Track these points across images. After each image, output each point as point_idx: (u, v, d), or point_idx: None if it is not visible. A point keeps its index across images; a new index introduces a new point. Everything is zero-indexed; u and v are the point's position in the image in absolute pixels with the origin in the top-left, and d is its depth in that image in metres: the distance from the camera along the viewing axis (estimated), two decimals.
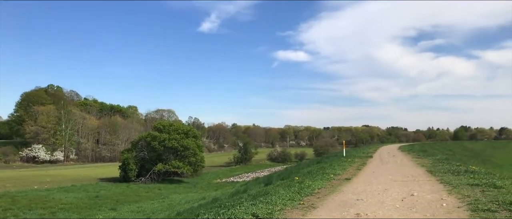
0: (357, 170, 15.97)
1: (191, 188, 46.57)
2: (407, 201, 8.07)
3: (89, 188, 39.61)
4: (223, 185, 47.10)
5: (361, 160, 22.38)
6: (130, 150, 52.29)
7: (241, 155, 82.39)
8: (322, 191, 10.16)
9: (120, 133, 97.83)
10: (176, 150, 50.94)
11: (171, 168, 49.94)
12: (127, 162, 48.72)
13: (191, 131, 56.24)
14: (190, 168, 51.40)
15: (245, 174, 64.96)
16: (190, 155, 51.84)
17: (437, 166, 16.07)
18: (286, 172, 23.65)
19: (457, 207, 7.07)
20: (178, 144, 50.53)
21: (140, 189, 41.94)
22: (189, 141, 52.11)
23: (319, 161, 26.74)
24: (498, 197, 7.72)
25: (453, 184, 10.08)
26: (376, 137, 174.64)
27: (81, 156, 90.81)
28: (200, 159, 53.64)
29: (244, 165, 79.83)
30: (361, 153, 29.66)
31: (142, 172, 50.00)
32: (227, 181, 55.70)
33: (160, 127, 54.32)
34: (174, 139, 50.71)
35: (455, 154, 40.04)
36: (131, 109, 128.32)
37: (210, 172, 65.96)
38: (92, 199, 32.73)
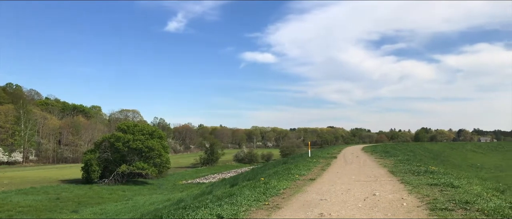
0: (321, 171, 16.19)
1: (156, 189, 45.93)
2: (369, 200, 8.26)
3: (50, 190, 38.37)
4: (189, 186, 46.68)
5: (326, 160, 22.70)
6: (93, 151, 51.00)
7: (208, 156, 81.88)
8: (287, 191, 10.24)
9: (83, 133, 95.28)
10: (140, 151, 50.09)
11: (136, 169, 49.07)
12: (90, 163, 47.52)
13: (156, 132, 55.44)
14: (155, 169, 50.68)
15: (211, 175, 64.63)
16: (155, 156, 51.11)
17: (398, 167, 16.50)
18: (252, 172, 23.70)
19: (416, 206, 7.29)
20: (143, 145, 49.72)
21: (103, 190, 41.00)
22: (154, 141, 51.36)
23: (285, 161, 26.96)
24: (455, 196, 8.02)
25: (413, 184, 10.39)
26: (340, 138, 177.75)
27: (41, 157, 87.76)
28: (165, 160, 52.97)
29: (211, 166, 79.36)
30: (326, 154, 30.08)
31: (105, 173, 48.88)
32: (193, 182, 55.25)
33: (125, 127, 53.25)
34: (138, 139, 49.87)
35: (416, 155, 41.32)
36: (94, 109, 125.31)
37: (176, 173, 65.24)
38: (53, 201, 31.72)
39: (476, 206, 6.86)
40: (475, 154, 77.47)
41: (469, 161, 64.92)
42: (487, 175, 36.11)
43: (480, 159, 70.23)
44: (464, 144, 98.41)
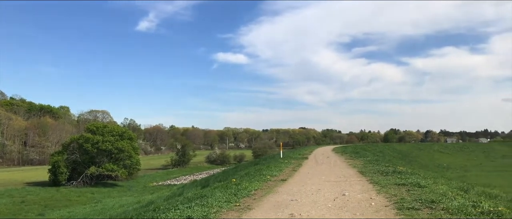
0: (293, 171, 16.29)
1: (126, 191, 45.16)
2: (338, 200, 8.36)
3: (15, 193, 37.15)
4: (159, 188, 46.13)
5: (297, 161, 22.85)
6: (61, 153, 49.73)
7: (179, 157, 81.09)
8: (259, 192, 10.26)
9: (51, 134, 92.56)
10: (110, 153, 49.19)
11: (105, 171, 48.15)
12: (58, 165, 46.30)
13: (127, 133, 54.60)
14: (125, 171, 49.88)
15: (183, 176, 64.07)
16: (125, 157, 50.31)
17: (367, 167, 16.78)
18: (223, 174, 23.65)
19: (384, 206, 7.44)
20: (113, 146, 48.85)
21: (71, 193, 40.03)
22: (124, 143, 50.55)
23: (257, 162, 27.00)
24: (422, 195, 8.23)
25: (381, 184, 10.59)
26: (312, 138, 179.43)
27: (5, 159, 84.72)
28: (135, 161, 52.22)
29: (182, 167, 78.64)
30: (297, 155, 30.28)
31: (73, 175, 47.75)
32: (164, 184, 54.64)
33: (94, 128, 52.17)
34: (108, 141, 48.96)
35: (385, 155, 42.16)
36: (62, 110, 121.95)
37: (146, 175, 64.34)
38: (18, 204, 30.73)
39: (441, 205, 7.07)
40: (442, 154, 79.62)
41: (436, 161, 66.71)
42: (452, 175, 37.16)
43: (446, 159, 72.27)
44: (431, 145, 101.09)
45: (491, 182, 32.16)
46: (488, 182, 31.28)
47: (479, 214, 6.34)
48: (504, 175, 43.49)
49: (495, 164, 62.89)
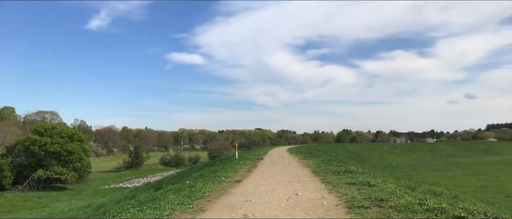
0: (247, 172, 16.33)
1: (75, 195, 43.58)
2: (292, 200, 8.46)
3: None
4: (111, 191, 44.87)
5: (253, 162, 22.95)
6: (5, 155, 47.24)
7: (132, 159, 79.25)
8: (213, 193, 10.19)
9: None
10: (59, 155, 47.30)
11: (54, 174, 46.25)
12: (1, 169, 44.02)
13: (77, 134, 52.71)
14: (75, 174, 48.14)
15: (136, 179, 62.70)
16: (75, 160, 48.55)
17: (320, 167, 17.12)
18: (178, 176, 23.33)
19: (336, 205, 7.60)
20: (62, 149, 47.01)
21: (17, 198, 38.14)
22: (74, 145, 48.77)
23: (212, 164, 26.83)
24: (371, 194, 8.48)
25: (333, 183, 10.82)
26: (268, 139, 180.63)
27: None
28: (86, 164, 50.53)
29: (135, 170, 76.90)
30: (253, 155, 30.41)
31: (19, 179, 45.53)
32: (116, 187, 53.20)
33: (41, 130, 49.95)
34: (57, 143, 47.06)
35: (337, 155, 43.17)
36: (7, 110, 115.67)
37: (98, 177, 62.36)
38: None
39: (390, 203, 7.32)
40: (391, 154, 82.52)
41: (386, 160, 69.07)
42: (401, 174, 38.59)
43: (395, 158, 75.00)
44: (381, 145, 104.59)
45: (437, 180, 33.73)
46: (434, 180, 32.78)
47: (424, 211, 6.61)
48: (448, 173, 45.71)
49: (440, 163, 65.98)
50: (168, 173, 60.80)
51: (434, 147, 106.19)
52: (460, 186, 31.80)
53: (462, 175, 42.49)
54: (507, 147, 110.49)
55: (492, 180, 36.64)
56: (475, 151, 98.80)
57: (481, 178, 38.77)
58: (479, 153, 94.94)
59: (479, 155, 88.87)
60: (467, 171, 47.59)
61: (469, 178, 39.55)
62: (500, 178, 38.61)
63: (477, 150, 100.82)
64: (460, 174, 43.76)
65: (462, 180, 37.14)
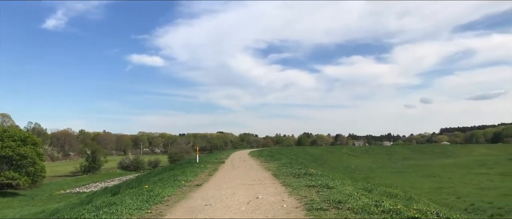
0: (208, 176, 16.21)
1: (28, 201, 41.80)
2: (252, 204, 8.46)
3: None
4: (67, 196, 43.34)
5: (214, 165, 22.82)
6: None
7: (89, 163, 76.88)
8: (172, 198, 10.04)
9: None
10: (10, 159, 45.25)
11: (4, 179, 44.22)
12: None
13: (30, 138, 50.63)
14: (28, 178, 46.19)
15: (93, 183, 60.80)
16: (28, 164, 46.59)
17: (281, 170, 17.23)
18: (136, 180, 22.85)
19: (295, 207, 7.66)
20: (14, 152, 45.03)
21: None
22: (27, 148, 46.82)
23: (172, 168, 26.49)
24: (330, 196, 8.61)
25: (293, 186, 10.93)
26: (230, 142, 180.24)
27: None
28: (40, 168, 48.61)
29: (92, 174, 74.63)
30: (214, 159, 30.23)
31: None
32: (72, 191, 51.41)
33: None
34: (8, 146, 45.03)
35: (298, 158, 43.61)
36: None
37: (53, 182, 60.03)
38: None
39: (348, 205, 7.46)
40: (350, 156, 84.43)
41: (345, 163, 70.56)
42: (359, 176, 39.52)
43: (354, 161, 76.74)
44: (340, 148, 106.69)
45: (393, 182, 34.79)
46: (390, 183, 33.79)
47: (380, 213, 6.78)
48: (404, 175, 47.24)
49: (396, 165, 68.09)
50: (127, 178, 59.37)
51: (391, 150, 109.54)
52: (415, 188, 32.92)
53: (417, 177, 44.02)
54: (459, 150, 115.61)
55: (445, 182, 38.16)
56: (429, 154, 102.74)
57: (435, 180, 40.30)
58: (433, 156, 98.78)
59: (433, 158, 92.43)
60: (422, 173, 49.36)
61: (423, 180, 41.02)
62: (452, 179, 40.29)
63: (431, 153, 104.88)
64: (415, 176, 45.31)
65: (417, 182, 38.47)
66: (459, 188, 33.36)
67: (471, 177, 43.08)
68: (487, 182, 37.47)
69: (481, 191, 30.92)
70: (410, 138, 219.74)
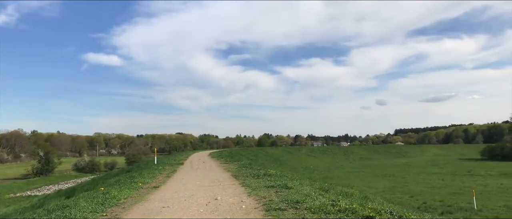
0: (167, 178, 15.97)
1: None
2: (211, 205, 8.41)
3: None
4: (17, 200, 41.43)
5: (172, 167, 22.50)
6: None
7: (42, 165, 73.87)
8: (129, 200, 9.81)
9: None
10: None
11: None
12: None
13: None
14: None
15: (46, 186, 58.41)
16: None
17: (241, 171, 17.25)
18: (92, 182, 22.19)
19: (254, 208, 7.69)
20: None
21: None
22: None
23: (129, 169, 25.91)
24: (288, 196, 8.71)
25: (252, 186, 10.97)
26: (189, 144, 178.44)
27: None
28: None
29: (45, 176, 71.79)
30: (173, 160, 29.82)
31: None
32: (23, 195, 49.20)
33: None
34: None
35: (258, 159, 43.78)
36: None
37: (2, 185, 57.29)
38: None
39: (305, 204, 7.57)
40: (309, 157, 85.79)
41: (304, 163, 71.62)
42: (318, 176, 40.18)
43: (313, 161, 78.02)
44: (300, 148, 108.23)
45: (350, 182, 35.62)
46: (347, 182, 34.59)
47: (337, 212, 6.93)
48: (360, 175, 48.50)
49: (353, 165, 69.82)
50: (82, 180, 57.52)
51: (348, 150, 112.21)
52: (371, 187, 33.88)
53: (373, 177, 45.33)
54: (412, 151, 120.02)
55: (399, 181, 39.52)
56: (384, 154, 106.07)
57: (390, 179, 41.66)
58: (388, 156, 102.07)
59: (388, 158, 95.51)
60: (378, 172, 50.88)
61: (379, 179, 42.29)
62: (406, 179, 41.78)
63: (386, 153, 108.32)
64: (371, 176, 46.64)
65: (373, 181, 39.61)
66: (412, 187, 34.62)
67: (424, 176, 44.86)
68: (438, 181, 39.14)
69: (433, 190, 32.24)
70: (366, 139, 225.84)
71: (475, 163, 69.09)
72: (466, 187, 32.81)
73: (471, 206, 23.38)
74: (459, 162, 73.21)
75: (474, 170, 51.99)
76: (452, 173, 48.70)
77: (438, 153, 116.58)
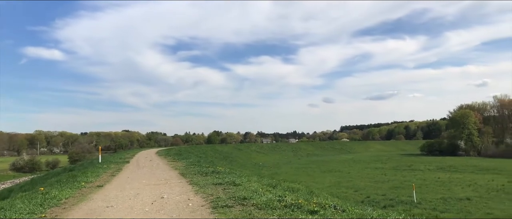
0: (111, 176, 15.50)
1: None
2: (156, 204, 8.27)
3: None
4: None
5: (118, 165, 21.88)
6: None
7: None
8: (70, 200, 9.42)
9: None
10: None
11: None
12: None
13: None
14: None
15: None
16: None
17: (189, 168, 17.09)
18: (31, 182, 21.19)
19: (201, 206, 7.65)
20: None
21: None
22: None
23: (72, 168, 24.96)
24: (236, 193, 8.74)
25: (200, 184, 10.90)
26: (136, 141, 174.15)
27: None
28: None
29: None
30: (118, 159, 29.02)
31: None
32: None
33: None
34: None
35: (207, 157, 43.58)
36: None
37: None
38: None
39: (252, 201, 7.63)
40: (258, 154, 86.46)
41: (253, 160, 72.14)
42: (266, 172, 40.67)
43: (262, 158, 78.74)
44: (249, 145, 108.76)
45: (297, 178, 36.30)
46: (295, 178, 35.22)
47: (283, 207, 7.04)
48: (307, 170, 49.55)
49: (301, 161, 71.18)
50: (21, 180, 54.63)
51: (296, 146, 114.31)
52: (317, 183, 34.73)
53: (320, 172, 46.47)
54: (357, 147, 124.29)
55: (344, 176, 40.77)
56: (330, 150, 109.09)
57: (335, 174, 42.88)
58: (334, 152, 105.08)
59: (334, 154, 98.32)
60: (324, 168, 52.21)
61: (325, 174, 43.41)
62: (351, 174, 43.19)
63: (332, 149, 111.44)
64: (318, 171, 47.79)
65: (320, 177, 40.61)
66: (357, 181, 35.84)
67: (368, 171, 46.59)
68: (381, 175, 40.78)
69: (376, 184, 33.55)
70: (313, 135, 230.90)
71: (415, 158, 72.71)
72: (407, 181, 34.43)
73: (411, 199, 24.57)
74: (401, 157, 76.78)
75: (414, 164, 54.67)
76: (394, 168, 50.94)
77: (381, 149, 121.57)
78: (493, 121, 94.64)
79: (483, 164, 52.54)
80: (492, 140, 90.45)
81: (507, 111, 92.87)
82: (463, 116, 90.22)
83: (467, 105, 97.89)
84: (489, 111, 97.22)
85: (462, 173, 42.14)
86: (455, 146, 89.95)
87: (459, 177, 37.35)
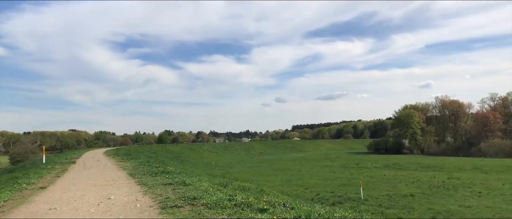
0: (56, 177, 14.88)
1: None
2: (103, 205, 8.03)
3: None
4: None
5: (63, 166, 21.03)
6: None
7: None
8: (9, 203, 8.95)
9: None
10: None
11: None
12: None
13: None
14: None
15: None
16: None
17: (138, 169, 16.74)
18: None
19: (149, 206, 7.51)
20: None
21: None
22: None
23: (13, 169, 23.71)
24: (186, 193, 8.68)
25: (149, 184, 10.71)
26: (83, 141, 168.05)
27: None
28: None
29: None
30: (64, 159, 27.93)
31: None
32: None
33: None
34: None
35: (157, 156, 42.85)
36: None
37: None
38: None
39: (202, 200, 7.60)
40: (211, 153, 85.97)
41: (206, 159, 71.62)
42: (218, 172, 40.49)
43: (214, 157, 78.36)
44: (202, 145, 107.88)
45: (249, 177, 36.43)
46: (247, 177, 35.32)
47: (233, 206, 7.06)
48: (260, 169, 49.90)
49: (253, 160, 71.61)
50: None
51: (249, 146, 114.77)
52: (269, 181, 35.04)
53: (271, 171, 46.92)
54: (307, 145, 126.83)
55: (295, 174, 41.40)
56: (282, 149, 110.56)
57: (286, 173, 43.46)
58: (285, 151, 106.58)
59: (285, 153, 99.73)
60: (276, 167, 52.79)
61: (277, 173, 43.89)
62: (302, 172, 43.93)
63: (284, 148, 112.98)
64: (270, 170, 48.24)
65: (271, 175, 41.00)
66: (307, 179, 36.50)
67: (318, 169, 47.58)
68: (330, 173, 41.79)
69: (325, 182, 34.33)
70: (266, 134, 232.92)
71: (363, 156, 75.16)
72: (355, 179, 35.49)
73: (358, 196, 25.35)
74: (349, 156, 79.09)
75: (361, 162, 56.44)
76: (343, 166, 52.36)
77: (331, 147, 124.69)
78: (435, 120, 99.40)
79: (425, 162, 55.11)
80: (434, 138, 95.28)
81: (448, 111, 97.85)
82: (407, 115, 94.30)
83: (411, 105, 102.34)
84: (432, 111, 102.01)
85: (406, 170, 44.00)
86: (400, 145, 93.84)
87: (403, 174, 38.95)
